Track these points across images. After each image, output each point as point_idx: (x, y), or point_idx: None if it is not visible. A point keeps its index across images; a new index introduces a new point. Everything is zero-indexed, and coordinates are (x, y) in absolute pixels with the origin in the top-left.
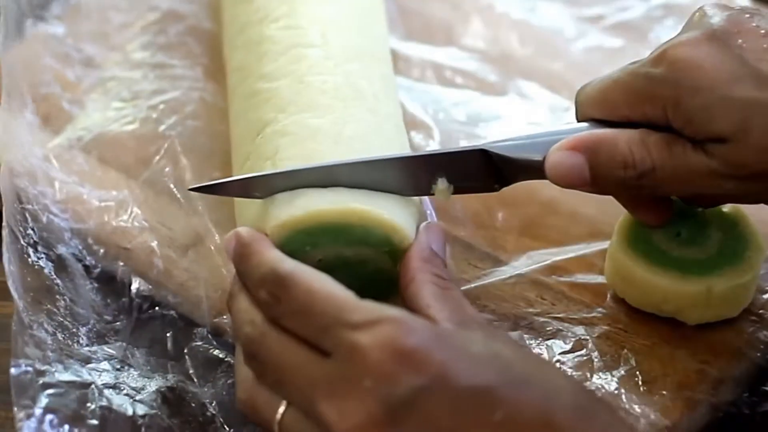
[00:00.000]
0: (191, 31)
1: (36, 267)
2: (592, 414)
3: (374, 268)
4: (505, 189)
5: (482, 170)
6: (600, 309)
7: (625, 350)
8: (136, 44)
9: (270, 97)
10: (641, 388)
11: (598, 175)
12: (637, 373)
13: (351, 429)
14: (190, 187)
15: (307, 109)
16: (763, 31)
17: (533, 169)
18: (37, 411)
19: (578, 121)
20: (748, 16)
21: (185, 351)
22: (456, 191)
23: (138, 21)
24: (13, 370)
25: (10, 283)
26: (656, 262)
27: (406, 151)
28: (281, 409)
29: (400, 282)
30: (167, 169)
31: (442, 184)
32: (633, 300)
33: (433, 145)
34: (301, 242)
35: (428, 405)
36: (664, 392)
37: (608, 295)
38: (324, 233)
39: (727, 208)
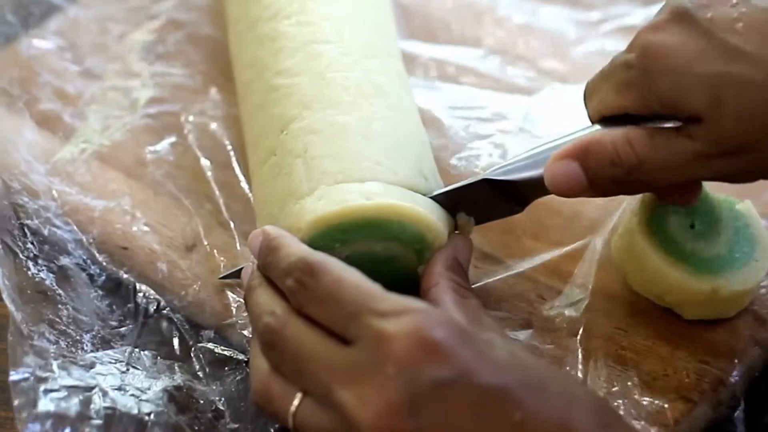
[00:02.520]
0: (190, 38)
1: (37, 279)
2: (608, 424)
3: (399, 266)
4: None
5: (494, 198)
6: (600, 309)
7: (625, 350)
8: (136, 54)
9: (291, 93)
10: (641, 388)
11: (592, 177)
12: (637, 373)
13: (371, 416)
14: (220, 275)
15: (332, 106)
16: (734, 0)
17: (539, 187)
18: (40, 413)
19: (590, 119)
20: None
21: (192, 351)
22: (478, 221)
23: (137, 31)
24: (12, 377)
25: (5, 296)
26: (670, 252)
27: (427, 147)
28: (296, 400)
29: (421, 285)
30: (169, 172)
31: (461, 219)
32: (636, 283)
33: (444, 143)
34: (332, 238)
35: (449, 398)
36: (664, 392)
37: (608, 296)
38: (358, 228)
39: (741, 206)
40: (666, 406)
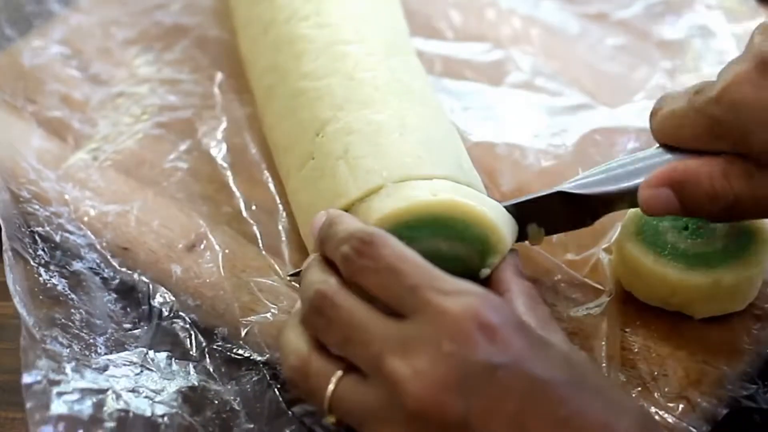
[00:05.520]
0: (197, 43)
1: (48, 285)
2: None
3: (462, 268)
4: (506, 190)
5: (566, 209)
6: (600, 309)
7: (626, 350)
8: (142, 60)
9: (320, 95)
10: (641, 389)
11: (686, 206)
12: (638, 373)
13: (420, 389)
14: (290, 273)
15: (366, 106)
16: None
17: (612, 202)
18: (52, 415)
19: (658, 142)
20: None
21: (207, 351)
22: (548, 233)
23: (141, 36)
24: (25, 379)
25: (16, 301)
26: (664, 254)
27: (459, 140)
28: (336, 377)
29: (492, 291)
30: (183, 178)
31: (532, 230)
32: (640, 293)
33: None
34: (400, 236)
35: (500, 383)
36: (665, 392)
37: (608, 296)
38: (425, 225)
39: None
40: (666, 406)
